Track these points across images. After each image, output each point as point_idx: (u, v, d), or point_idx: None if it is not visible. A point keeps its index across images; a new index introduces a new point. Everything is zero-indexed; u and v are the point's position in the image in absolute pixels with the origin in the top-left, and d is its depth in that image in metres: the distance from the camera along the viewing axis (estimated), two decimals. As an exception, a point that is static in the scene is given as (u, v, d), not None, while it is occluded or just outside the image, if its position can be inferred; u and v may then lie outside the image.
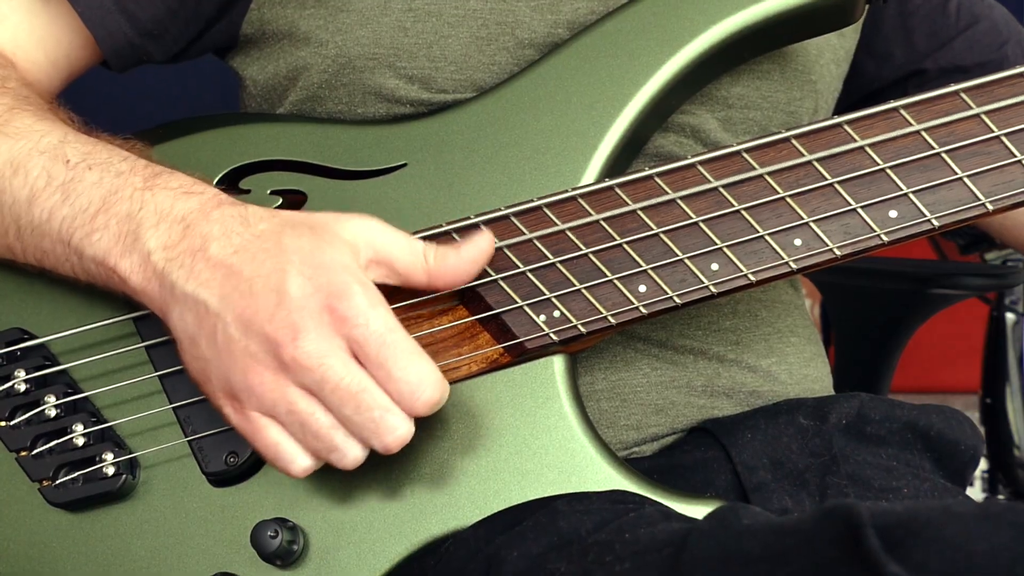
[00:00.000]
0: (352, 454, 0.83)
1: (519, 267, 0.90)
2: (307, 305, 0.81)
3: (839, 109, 1.12)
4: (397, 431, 0.82)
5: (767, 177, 0.88)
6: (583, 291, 0.89)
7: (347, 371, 0.81)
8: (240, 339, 0.82)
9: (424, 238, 0.90)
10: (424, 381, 0.81)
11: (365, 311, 0.81)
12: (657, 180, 0.89)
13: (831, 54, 1.06)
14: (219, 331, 0.82)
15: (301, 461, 0.84)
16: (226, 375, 0.83)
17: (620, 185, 0.89)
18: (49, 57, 1.02)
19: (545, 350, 0.91)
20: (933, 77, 1.14)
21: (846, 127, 0.88)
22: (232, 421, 0.85)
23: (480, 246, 0.87)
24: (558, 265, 0.89)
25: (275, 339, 0.81)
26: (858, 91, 1.16)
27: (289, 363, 0.81)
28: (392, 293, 0.86)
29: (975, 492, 2.19)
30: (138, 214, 0.86)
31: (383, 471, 0.90)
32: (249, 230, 0.84)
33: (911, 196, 0.87)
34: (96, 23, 1.00)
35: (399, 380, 0.81)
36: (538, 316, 0.90)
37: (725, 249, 0.88)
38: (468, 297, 0.90)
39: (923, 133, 0.87)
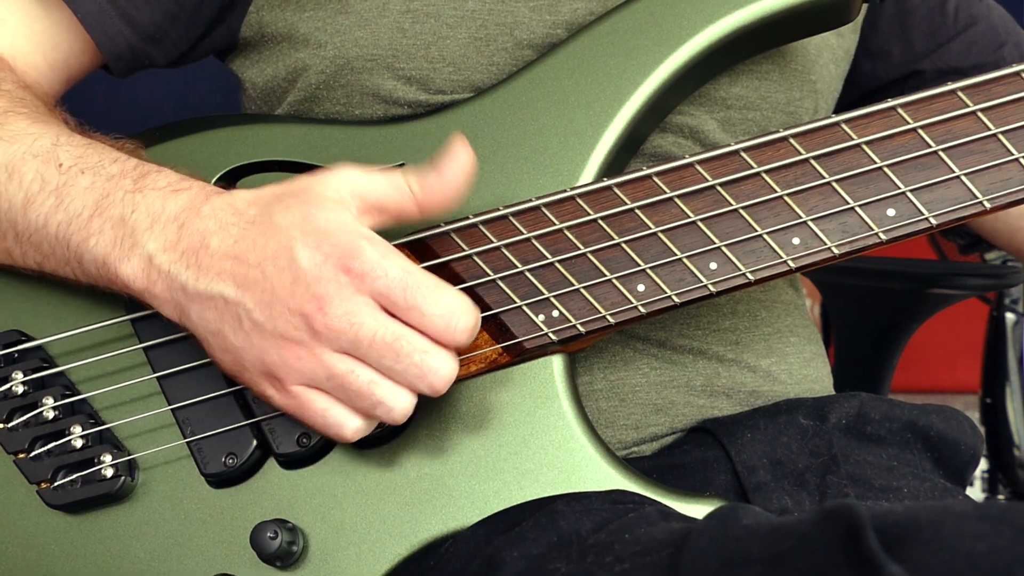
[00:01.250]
0: (399, 405, 0.83)
1: (517, 267, 0.89)
2: (323, 274, 0.81)
3: (838, 109, 1.11)
4: (441, 370, 0.82)
5: (765, 176, 0.88)
6: (582, 291, 0.89)
7: (378, 324, 0.81)
8: (267, 322, 0.82)
9: (422, 239, 0.90)
10: (455, 309, 0.82)
11: (380, 262, 0.81)
12: (655, 179, 0.89)
13: (830, 54, 1.06)
14: (243, 318, 0.83)
15: (351, 423, 0.84)
16: (260, 358, 0.84)
17: (618, 185, 0.89)
18: (48, 60, 1.02)
19: (544, 350, 0.91)
20: (930, 79, 1.14)
21: (843, 126, 0.88)
22: (277, 402, 0.85)
23: (459, 160, 0.85)
24: (556, 265, 0.89)
25: (303, 313, 0.81)
26: (855, 90, 1.16)
27: (322, 331, 0.81)
28: None
29: (975, 492, 2.19)
30: (131, 217, 0.86)
31: (382, 472, 0.90)
32: (242, 218, 0.84)
33: (909, 195, 0.87)
34: (97, 28, 1.00)
35: (432, 315, 0.82)
36: (537, 316, 0.90)
37: (723, 248, 0.88)
38: (467, 297, 0.90)
39: (920, 131, 0.87)
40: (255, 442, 0.91)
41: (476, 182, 0.92)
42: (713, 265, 0.89)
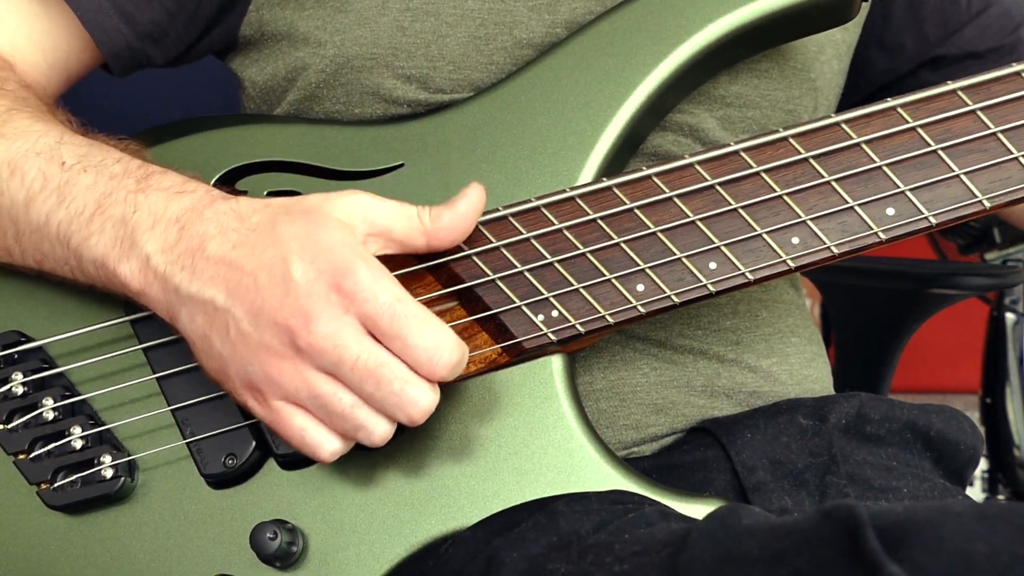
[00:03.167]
0: (379, 430, 0.83)
1: (517, 267, 0.89)
2: (313, 289, 0.81)
3: (850, 104, 1.11)
4: (420, 402, 0.82)
5: (764, 175, 0.88)
6: (581, 291, 0.89)
7: (362, 348, 0.81)
8: (253, 332, 0.82)
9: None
10: (441, 345, 0.81)
11: (371, 285, 0.81)
12: (655, 179, 0.89)
13: (832, 50, 1.06)
14: (231, 327, 0.83)
15: (329, 444, 0.84)
16: (244, 369, 0.83)
17: (618, 185, 0.89)
18: (48, 59, 1.02)
19: (543, 350, 0.91)
20: (951, 62, 1.13)
21: (843, 125, 0.88)
22: (257, 413, 0.85)
23: (472, 200, 0.86)
24: (556, 265, 0.89)
25: (288, 327, 0.81)
26: (870, 85, 1.15)
27: (305, 349, 0.81)
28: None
29: (975, 492, 2.19)
30: (133, 217, 0.86)
31: (382, 472, 0.90)
32: (244, 224, 0.84)
33: (908, 194, 0.87)
34: (95, 26, 1.00)
35: (415, 347, 0.81)
36: (536, 316, 0.90)
37: (723, 248, 0.88)
38: (466, 297, 0.90)
39: (920, 130, 0.87)
40: (254, 443, 0.91)
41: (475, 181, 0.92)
42: (712, 265, 0.89)
